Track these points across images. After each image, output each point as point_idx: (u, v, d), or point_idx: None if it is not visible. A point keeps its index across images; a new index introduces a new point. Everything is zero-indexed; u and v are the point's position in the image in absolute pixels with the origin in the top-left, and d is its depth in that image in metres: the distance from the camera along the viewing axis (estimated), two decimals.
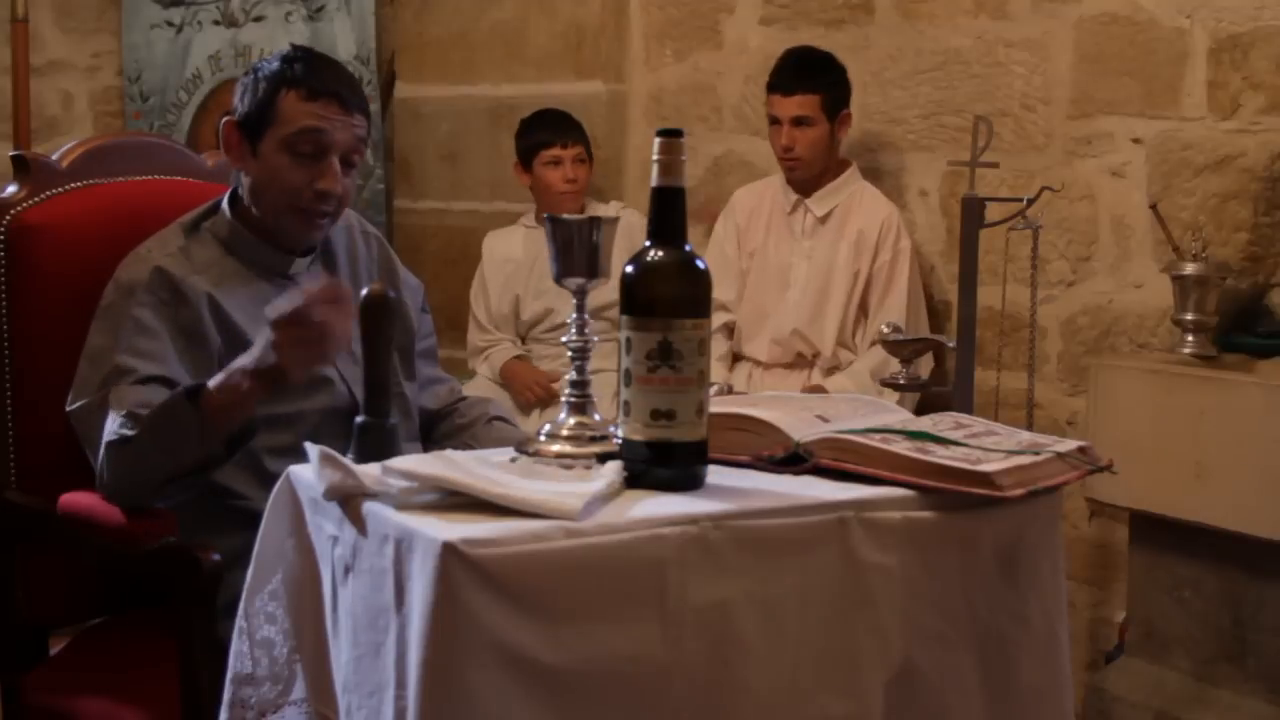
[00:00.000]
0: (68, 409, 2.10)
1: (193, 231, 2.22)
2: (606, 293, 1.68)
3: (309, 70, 2.16)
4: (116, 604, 2.35)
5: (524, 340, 4.08)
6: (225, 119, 2.22)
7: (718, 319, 3.71)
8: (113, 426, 2.02)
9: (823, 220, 3.60)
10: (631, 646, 1.42)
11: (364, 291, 1.83)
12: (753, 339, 3.70)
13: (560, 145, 3.92)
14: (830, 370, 3.58)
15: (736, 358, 3.76)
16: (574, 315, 1.66)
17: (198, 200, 2.29)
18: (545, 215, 1.71)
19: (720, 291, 3.70)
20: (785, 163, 3.62)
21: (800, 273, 3.63)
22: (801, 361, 3.63)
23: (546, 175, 3.93)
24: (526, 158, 3.97)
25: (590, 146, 3.99)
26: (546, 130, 3.95)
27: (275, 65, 2.18)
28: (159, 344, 2.10)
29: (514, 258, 4.06)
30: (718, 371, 3.68)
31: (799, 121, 3.55)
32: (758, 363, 3.70)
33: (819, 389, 3.46)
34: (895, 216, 3.54)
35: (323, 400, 2.19)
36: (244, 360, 1.96)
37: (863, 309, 3.56)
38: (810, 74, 3.56)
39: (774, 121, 3.59)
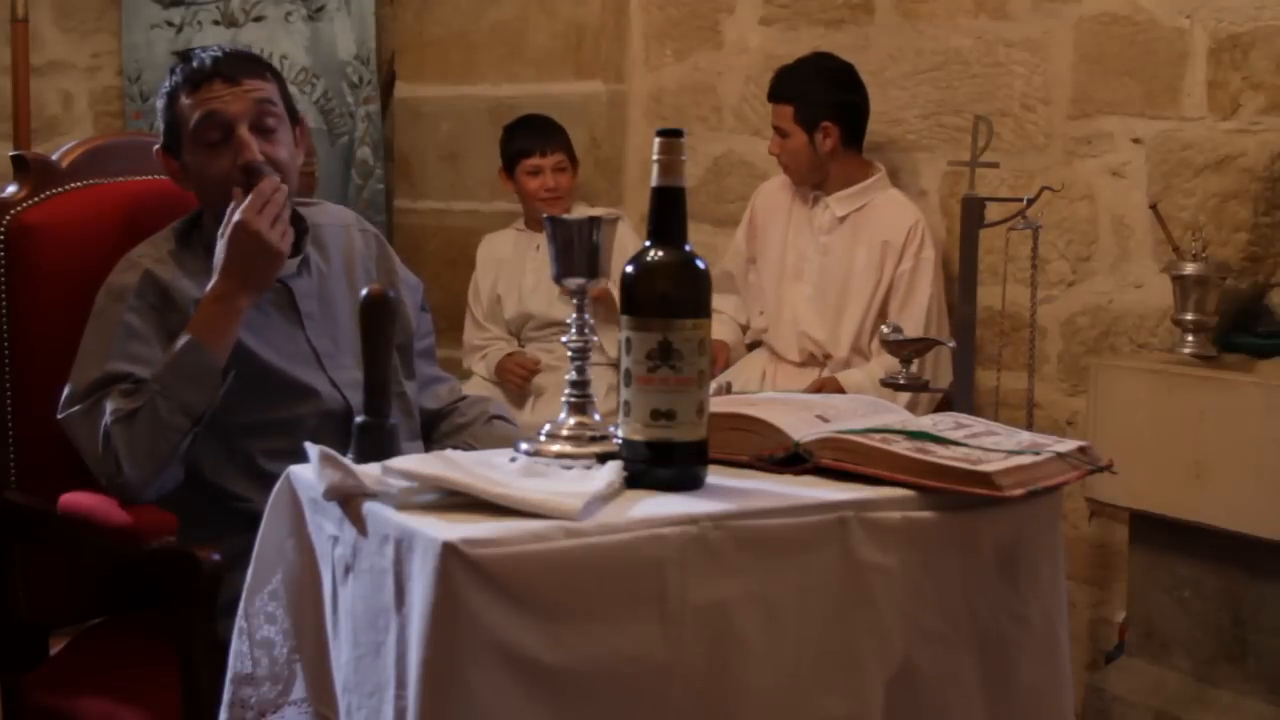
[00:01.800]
0: (59, 416, 2.10)
1: (184, 237, 2.23)
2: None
3: (187, 66, 2.20)
4: (116, 604, 2.35)
5: (519, 341, 4.09)
6: (155, 149, 2.26)
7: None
8: (108, 413, 2.03)
9: (841, 220, 3.57)
10: (631, 646, 1.42)
11: (363, 292, 1.83)
12: (773, 328, 3.70)
13: (540, 154, 3.94)
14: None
15: (757, 344, 3.79)
16: (574, 315, 1.66)
17: (197, 201, 2.29)
18: (545, 216, 1.72)
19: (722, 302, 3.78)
20: (780, 165, 3.66)
21: (814, 266, 3.61)
22: (813, 361, 3.62)
23: (528, 184, 3.96)
24: (509, 165, 4.01)
25: (574, 152, 4.01)
26: (527, 138, 3.98)
27: (166, 83, 2.22)
28: (149, 349, 2.10)
29: (503, 258, 4.09)
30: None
31: (779, 131, 3.57)
32: (774, 353, 3.69)
33: (833, 382, 3.45)
34: (920, 225, 3.47)
35: (316, 406, 2.19)
36: (208, 291, 2.10)
37: (884, 316, 3.51)
38: (783, 84, 3.56)
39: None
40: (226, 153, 2.15)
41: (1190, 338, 2.98)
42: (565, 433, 1.64)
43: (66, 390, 2.11)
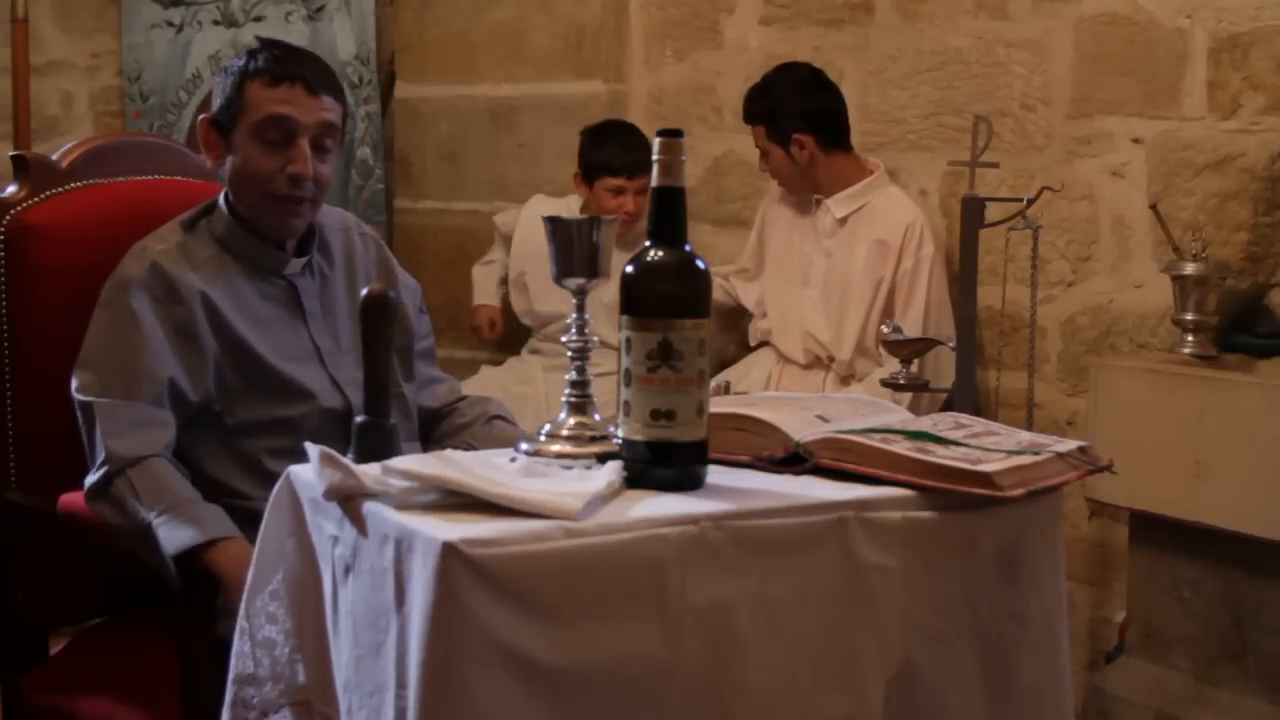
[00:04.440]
0: (73, 392, 2.09)
1: (190, 228, 2.23)
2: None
3: (271, 58, 2.18)
4: (116, 604, 2.35)
5: (531, 337, 4.05)
6: (201, 117, 2.24)
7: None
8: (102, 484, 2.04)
9: (842, 222, 3.56)
10: (631, 646, 1.42)
11: (363, 291, 1.83)
12: (779, 331, 3.71)
13: (626, 176, 3.76)
14: (846, 379, 3.56)
15: (763, 344, 3.78)
16: (574, 315, 1.66)
17: (198, 200, 2.29)
18: (544, 216, 1.71)
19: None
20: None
21: (819, 270, 3.61)
22: (818, 363, 3.62)
23: (605, 201, 3.78)
24: (589, 174, 3.84)
25: None
26: (615, 152, 3.79)
27: (241, 60, 2.20)
28: (156, 343, 2.10)
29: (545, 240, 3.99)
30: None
31: (760, 150, 3.61)
32: (780, 355, 3.70)
33: None
34: (919, 222, 3.45)
35: (316, 404, 2.19)
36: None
37: (888, 316, 3.48)
38: (750, 106, 3.60)
39: None
40: (280, 156, 2.15)
41: (1190, 338, 2.98)
42: (565, 433, 1.64)
43: (78, 377, 2.10)
